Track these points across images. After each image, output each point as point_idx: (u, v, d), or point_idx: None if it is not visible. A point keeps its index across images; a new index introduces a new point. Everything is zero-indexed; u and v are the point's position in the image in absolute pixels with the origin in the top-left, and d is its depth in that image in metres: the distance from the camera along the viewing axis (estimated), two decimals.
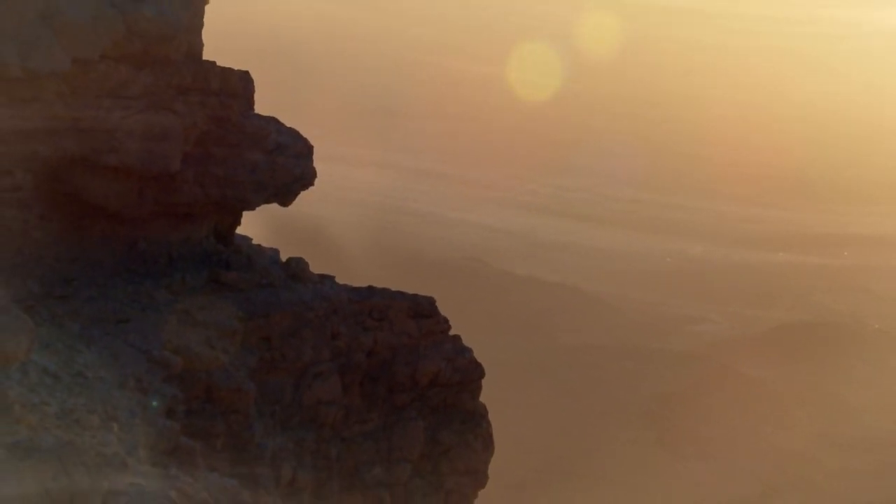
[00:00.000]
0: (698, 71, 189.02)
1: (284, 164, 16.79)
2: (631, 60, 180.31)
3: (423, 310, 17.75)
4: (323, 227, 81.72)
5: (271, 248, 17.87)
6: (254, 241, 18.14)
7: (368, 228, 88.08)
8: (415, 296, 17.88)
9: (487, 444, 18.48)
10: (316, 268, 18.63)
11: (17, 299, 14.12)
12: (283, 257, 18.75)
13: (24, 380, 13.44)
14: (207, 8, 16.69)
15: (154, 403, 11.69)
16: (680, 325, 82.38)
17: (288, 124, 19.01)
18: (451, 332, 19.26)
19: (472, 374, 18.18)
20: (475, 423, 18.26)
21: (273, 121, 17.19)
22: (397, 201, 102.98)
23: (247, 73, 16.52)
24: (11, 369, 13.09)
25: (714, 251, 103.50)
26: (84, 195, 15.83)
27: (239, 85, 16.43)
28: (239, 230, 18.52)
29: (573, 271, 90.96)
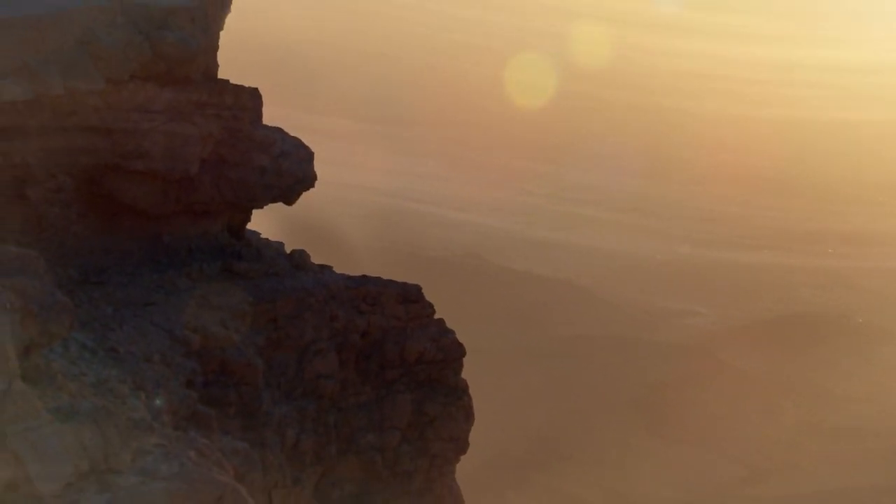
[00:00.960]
0: (684, 78, 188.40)
1: (288, 169, 17.57)
2: (621, 69, 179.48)
3: (410, 296, 18.43)
4: (333, 225, 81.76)
5: (277, 242, 18.55)
6: (262, 236, 18.77)
7: (374, 227, 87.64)
8: (404, 284, 18.56)
9: (468, 415, 19.10)
10: (326, 262, 19.22)
11: (60, 284, 14.17)
12: (300, 252, 18.98)
13: (66, 353, 13.89)
14: (228, 22, 17.62)
15: (158, 402, 11.75)
16: (669, 317, 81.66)
17: (301, 129, 19.89)
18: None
19: (454, 353, 18.81)
20: (457, 397, 18.88)
21: (278, 130, 17.97)
22: (401, 202, 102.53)
23: (256, 89, 17.33)
24: (55, 345, 13.30)
25: (701, 249, 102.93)
26: (116, 196, 16.60)
27: (249, 100, 17.33)
28: (258, 227, 19.12)
29: (567, 267, 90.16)
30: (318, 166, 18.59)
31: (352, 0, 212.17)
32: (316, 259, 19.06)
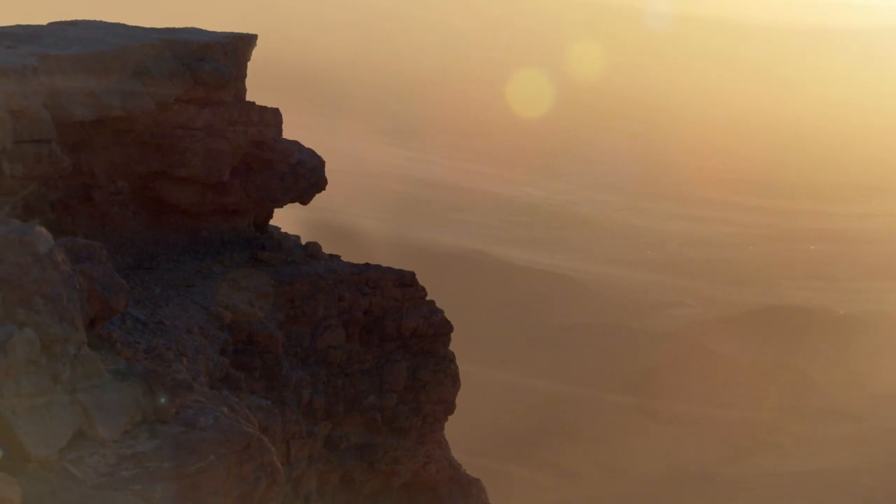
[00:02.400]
0: (672, 90, 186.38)
1: (304, 175, 18.20)
2: (613, 82, 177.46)
3: (406, 280, 18.79)
4: (353, 223, 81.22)
5: (295, 235, 18.97)
6: (282, 230, 19.21)
7: (389, 225, 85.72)
8: (400, 270, 18.91)
9: (455, 382, 19.47)
10: (347, 255, 19.42)
11: (118, 269, 14.50)
12: (313, 244, 19.10)
13: (123, 325, 14.51)
14: (263, 45, 17.98)
15: (163, 399, 11.65)
16: (659, 308, 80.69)
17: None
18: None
19: (443, 328, 19.10)
20: (445, 366, 19.22)
21: (296, 143, 18.63)
22: (413, 202, 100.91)
23: (277, 109, 18.01)
24: (114, 318, 13.81)
25: (689, 245, 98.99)
26: (163, 197, 17.22)
27: (272, 118, 18.00)
28: (286, 225, 19.48)
29: (564, 262, 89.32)
30: (340, 170, 18.97)
31: (367, 23, 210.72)
32: (338, 252, 19.32)
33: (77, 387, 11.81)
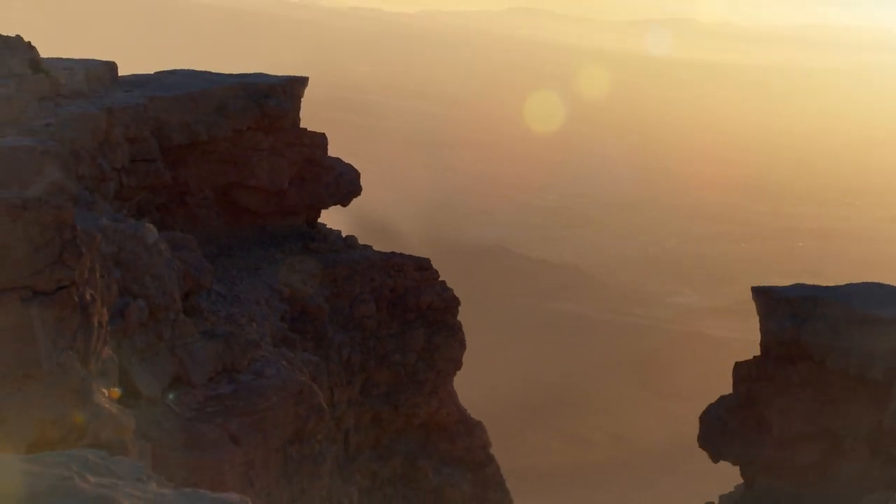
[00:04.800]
0: (670, 106, 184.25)
1: (344, 184, 19.51)
2: (618, 99, 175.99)
3: (423, 265, 19.88)
4: (390, 222, 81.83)
5: (337, 230, 20.02)
6: (328, 226, 20.26)
7: (422, 224, 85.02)
8: (419, 258, 19.99)
9: (462, 345, 20.25)
10: (384, 248, 20.23)
11: (205, 256, 15.46)
12: (350, 237, 20.19)
13: (208, 298, 15.73)
14: (315, 71, 19.64)
15: (171, 396, 11.39)
16: (659, 297, 79.81)
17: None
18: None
19: (452, 303, 20.04)
20: (454, 332, 20.12)
21: (338, 159, 19.89)
22: (442, 205, 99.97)
23: (323, 134, 19.27)
24: (202, 293, 14.92)
25: (686, 242, 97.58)
26: (238, 202, 18.65)
27: (319, 140, 19.37)
28: (331, 222, 20.36)
29: (575, 256, 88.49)
30: (379, 178, 19.60)
31: (401, 52, 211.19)
32: (378, 245, 20.15)
33: (175, 343, 13.22)
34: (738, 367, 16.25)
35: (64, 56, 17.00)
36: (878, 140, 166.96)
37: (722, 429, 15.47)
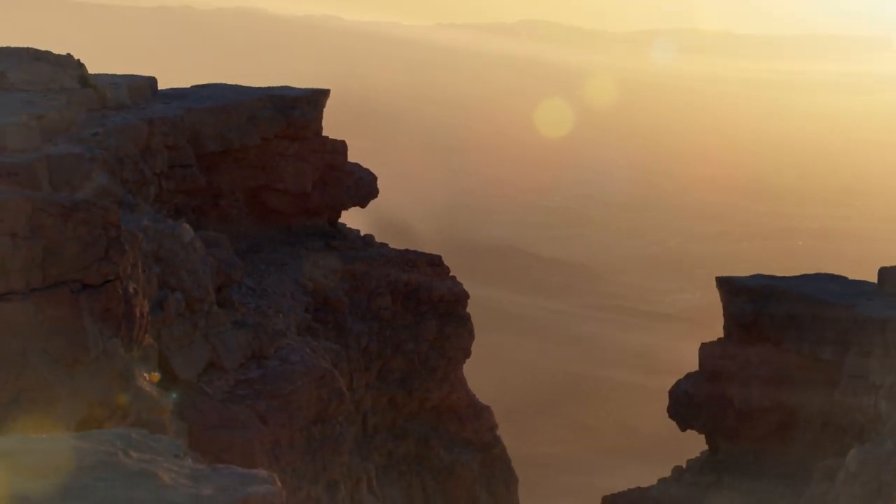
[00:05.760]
0: (674, 112, 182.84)
1: (362, 187, 19.95)
2: (623, 106, 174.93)
3: (435, 262, 20.14)
4: (407, 222, 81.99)
5: (356, 229, 20.40)
6: (348, 226, 20.69)
7: (437, 224, 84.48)
8: (431, 254, 20.27)
9: (471, 335, 20.41)
10: (400, 246, 20.36)
11: (236, 253, 15.77)
12: (368, 235, 20.53)
13: (239, 291, 16.01)
14: (336, 81, 20.00)
15: (174, 395, 11.22)
16: (662, 294, 79.44)
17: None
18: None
19: (462, 296, 20.17)
20: (463, 323, 20.27)
21: (356, 165, 20.31)
22: (456, 207, 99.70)
23: (343, 141, 19.71)
24: (233, 286, 15.17)
25: (688, 242, 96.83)
26: (266, 203, 19.06)
27: (340, 147, 19.81)
28: (351, 222, 20.68)
29: (582, 254, 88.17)
30: (396, 181, 19.55)
31: (417, 62, 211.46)
32: (395, 243, 20.38)
33: (209, 332, 13.95)
34: (704, 347, 17.06)
35: (109, 72, 17.54)
36: (875, 143, 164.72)
37: (689, 402, 16.16)
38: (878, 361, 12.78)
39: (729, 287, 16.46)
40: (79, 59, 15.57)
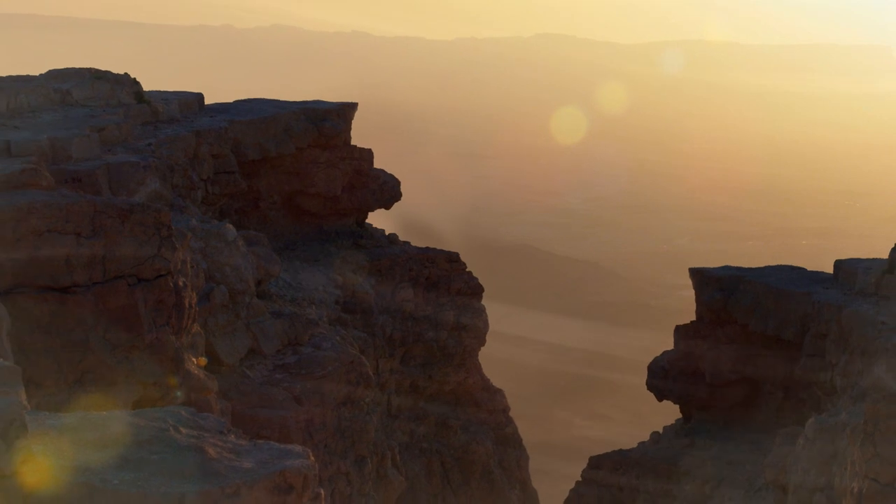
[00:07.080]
0: (682, 119, 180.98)
1: (387, 191, 20.05)
2: (634, 113, 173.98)
3: (453, 258, 19.99)
4: (432, 222, 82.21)
5: (381, 229, 20.49)
6: (375, 226, 20.71)
7: (459, 225, 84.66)
8: (449, 251, 20.20)
9: (486, 324, 20.19)
10: (423, 245, 20.41)
11: (274, 250, 16.15)
12: (392, 234, 20.57)
13: (276, 284, 16.28)
14: (363, 93, 20.49)
15: (178, 393, 10.67)
16: (672, 289, 76.83)
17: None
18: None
19: (478, 289, 20.06)
20: (479, 314, 20.06)
21: (382, 170, 20.40)
22: (477, 209, 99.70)
23: (370, 150, 19.82)
24: (272, 280, 15.48)
25: (696, 241, 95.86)
26: (301, 206, 19.25)
27: (367, 155, 19.94)
28: (377, 223, 20.75)
29: (596, 253, 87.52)
30: (423, 185, 19.58)
31: (441, 73, 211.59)
32: (420, 244, 20.42)
33: (250, 321, 14.38)
34: (678, 329, 17.41)
35: (160, 88, 18.00)
36: (876, 147, 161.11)
37: (665, 375, 16.56)
38: (833, 343, 13.10)
39: (700, 277, 16.87)
40: (134, 78, 16.07)
